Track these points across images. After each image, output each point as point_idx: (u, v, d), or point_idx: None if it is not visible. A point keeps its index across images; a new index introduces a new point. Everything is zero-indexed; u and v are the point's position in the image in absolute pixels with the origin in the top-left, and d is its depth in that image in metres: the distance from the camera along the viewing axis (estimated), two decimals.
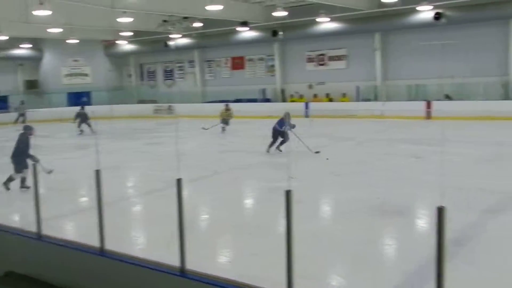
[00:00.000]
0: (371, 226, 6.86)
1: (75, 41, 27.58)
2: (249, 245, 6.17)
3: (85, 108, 21.32)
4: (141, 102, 31.23)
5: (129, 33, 27.94)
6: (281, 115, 13.39)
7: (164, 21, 24.93)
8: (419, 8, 20.16)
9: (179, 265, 3.93)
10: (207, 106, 26.34)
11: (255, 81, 27.85)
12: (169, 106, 28.56)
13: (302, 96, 25.82)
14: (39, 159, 9.03)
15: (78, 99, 29.51)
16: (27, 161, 9.26)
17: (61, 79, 31.00)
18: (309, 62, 26.00)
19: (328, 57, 25.29)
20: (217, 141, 17.08)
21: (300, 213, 5.19)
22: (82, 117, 20.25)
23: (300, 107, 23.54)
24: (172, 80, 32.04)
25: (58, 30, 24.12)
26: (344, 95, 24.33)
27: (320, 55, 25.56)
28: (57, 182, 9.87)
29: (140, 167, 12.84)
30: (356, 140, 15.95)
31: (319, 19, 22.60)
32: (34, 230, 5.08)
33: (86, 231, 5.54)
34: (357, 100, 23.63)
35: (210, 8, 19.40)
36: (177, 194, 3.90)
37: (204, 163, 12.53)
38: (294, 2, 22.73)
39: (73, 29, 24.76)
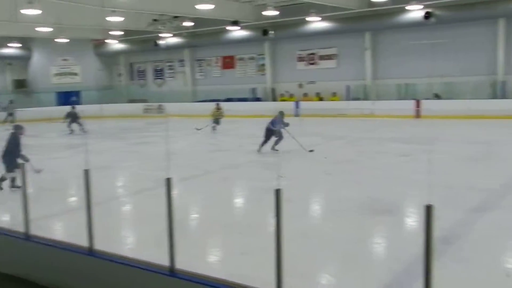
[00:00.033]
0: (361, 225, 6.89)
1: (64, 40, 27.42)
2: (239, 244, 6.17)
3: (76, 107, 21.23)
4: (131, 101, 31.11)
5: (119, 32, 27.80)
6: (273, 114, 13.37)
7: (154, 20, 24.85)
8: (409, 8, 20.28)
9: (169, 264, 3.92)
10: (197, 106, 26.33)
11: (245, 80, 27.84)
12: (159, 106, 28.48)
13: (292, 95, 25.87)
14: (29, 159, 8.99)
15: (68, 98, 29.34)
16: (18, 160, 9.19)
17: (50, 78, 30.79)
18: (299, 61, 26.04)
19: (319, 56, 25.35)
20: (207, 141, 17.06)
21: (290, 212, 5.21)
22: (72, 117, 20.12)
23: (291, 106, 23.58)
24: (162, 79, 31.93)
25: (47, 29, 23.97)
26: (334, 94, 24.40)
27: (310, 54, 25.61)
28: (46, 182, 9.79)
29: (130, 166, 12.78)
30: (346, 139, 16.01)
31: (309, 19, 22.68)
32: (22, 230, 5.04)
33: (75, 231, 5.52)
34: (347, 99, 23.71)
35: (200, 7, 19.39)
36: (166, 194, 3.89)
37: (195, 162, 12.51)
38: (285, 1, 22.74)
39: (62, 28, 24.61)
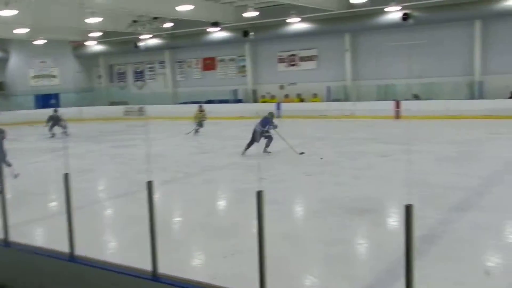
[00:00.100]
0: (342, 225, 6.94)
1: (42, 42, 27.03)
2: (221, 247, 6.16)
3: (58, 111, 20.89)
4: (112, 104, 30.79)
5: (98, 33, 27.49)
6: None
7: (134, 21, 24.64)
8: (387, 9, 20.51)
9: (151, 269, 3.90)
10: (178, 108, 26.18)
11: (226, 82, 27.82)
12: (140, 108, 28.24)
13: (273, 96, 25.91)
14: (12, 164, 8.85)
15: (46, 101, 28.89)
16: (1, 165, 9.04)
17: (28, 80, 30.31)
18: (280, 62, 26.11)
19: (299, 57, 25.45)
20: (190, 143, 16.99)
21: (273, 213, 5.22)
22: (54, 120, 19.85)
23: (272, 107, 23.60)
24: (142, 81, 31.69)
25: (24, 31, 23.60)
26: (315, 95, 24.53)
27: (291, 55, 25.70)
28: (26, 186, 9.67)
29: (111, 170, 12.67)
30: (327, 140, 16.11)
31: (290, 20, 22.76)
32: (1, 237, 4.96)
33: (56, 236, 5.44)
34: (328, 100, 23.86)
35: (180, 8, 19.30)
36: (147, 197, 3.86)
37: (177, 165, 12.47)
38: (265, 2, 22.80)
39: (40, 30, 24.24)
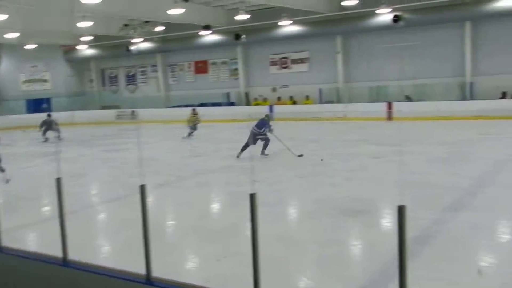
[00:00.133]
0: (337, 227, 6.96)
1: (33, 46, 26.89)
2: (215, 250, 6.16)
3: (51, 115, 20.76)
4: (104, 107, 30.68)
5: (90, 37, 27.38)
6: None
7: (125, 25, 24.59)
8: (378, 11, 20.61)
9: (145, 272, 3.89)
10: (171, 111, 26.12)
11: (219, 85, 27.81)
12: (132, 112, 28.15)
13: (266, 99, 25.95)
14: (5, 169, 8.80)
15: (38, 106, 28.73)
16: None
17: (20, 85, 30.12)
18: (272, 65, 26.16)
19: (291, 60, 25.51)
20: (183, 146, 16.96)
21: (266, 216, 5.23)
22: (48, 125, 19.74)
23: (265, 110, 23.62)
24: (134, 85, 31.62)
25: (15, 35, 23.47)
26: (307, 97, 24.59)
27: (283, 58, 25.76)
28: (19, 191, 9.61)
29: (104, 174, 12.62)
30: (320, 141, 16.15)
31: (281, 23, 22.80)
32: None
33: (49, 241, 5.41)
34: (320, 103, 23.93)
35: (171, 12, 19.25)
36: (140, 201, 3.85)
37: (169, 168, 12.45)
38: (257, 5, 22.83)
39: (30, 34, 24.12)
